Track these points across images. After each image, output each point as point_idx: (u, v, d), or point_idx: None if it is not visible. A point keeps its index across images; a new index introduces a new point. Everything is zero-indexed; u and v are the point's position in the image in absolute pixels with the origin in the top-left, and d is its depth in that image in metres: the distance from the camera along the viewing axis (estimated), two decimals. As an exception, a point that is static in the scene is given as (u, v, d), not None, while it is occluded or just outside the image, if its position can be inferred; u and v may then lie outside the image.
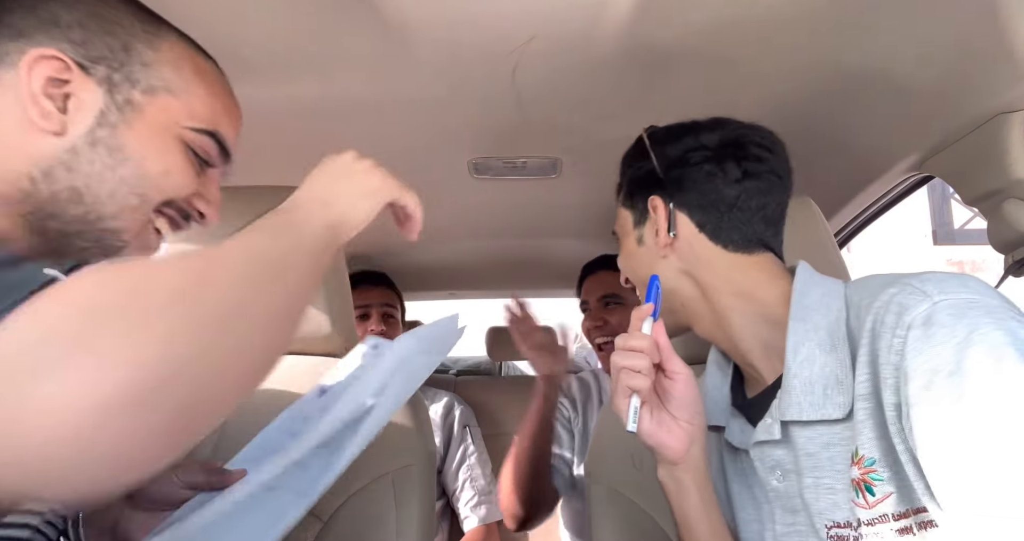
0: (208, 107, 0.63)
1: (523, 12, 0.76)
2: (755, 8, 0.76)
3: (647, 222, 0.77)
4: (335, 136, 1.13)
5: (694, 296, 0.74)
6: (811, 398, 0.62)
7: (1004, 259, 0.93)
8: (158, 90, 0.59)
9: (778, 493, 0.68)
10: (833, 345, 0.63)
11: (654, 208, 0.75)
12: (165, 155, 0.59)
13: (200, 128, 0.61)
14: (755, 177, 0.72)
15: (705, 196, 0.73)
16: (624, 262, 0.81)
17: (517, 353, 2.67)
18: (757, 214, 0.72)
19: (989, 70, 0.82)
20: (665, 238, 0.74)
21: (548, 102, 1.01)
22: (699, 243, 0.73)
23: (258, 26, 0.79)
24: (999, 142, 0.87)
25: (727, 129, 0.75)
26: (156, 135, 0.59)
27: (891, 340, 0.57)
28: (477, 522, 1.62)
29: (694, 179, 0.73)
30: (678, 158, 0.74)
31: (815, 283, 0.68)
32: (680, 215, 0.74)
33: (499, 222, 1.67)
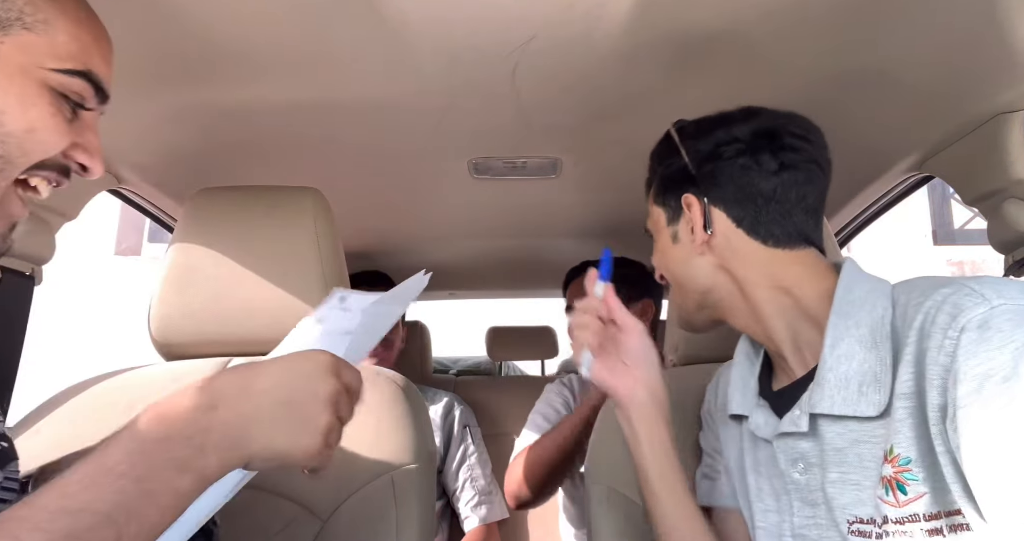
0: (75, 40, 0.53)
1: (523, 12, 0.76)
2: (754, 9, 0.76)
3: (681, 219, 0.76)
4: (335, 136, 1.13)
5: (731, 292, 0.73)
6: (845, 393, 0.62)
7: (1004, 259, 0.93)
8: (11, 25, 0.49)
9: (798, 485, 0.68)
10: (875, 342, 0.62)
11: (688, 205, 0.74)
12: (27, 108, 0.50)
13: (68, 69, 0.52)
14: (793, 168, 0.70)
15: (741, 190, 0.71)
16: (659, 260, 0.81)
17: (517, 353, 2.69)
18: (797, 206, 0.71)
19: (989, 70, 0.82)
20: (702, 235, 0.73)
21: (548, 102, 1.01)
22: (737, 239, 0.72)
23: (258, 26, 0.79)
24: (999, 142, 0.87)
25: (760, 119, 0.73)
26: (14, 83, 0.49)
27: (942, 340, 0.56)
28: (478, 522, 1.62)
29: (728, 173, 0.72)
30: (710, 152, 0.73)
31: (862, 279, 0.67)
32: (716, 211, 0.73)
33: (499, 222, 1.67)
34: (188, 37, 0.81)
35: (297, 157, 1.22)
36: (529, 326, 2.69)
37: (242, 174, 1.26)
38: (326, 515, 0.79)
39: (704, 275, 0.74)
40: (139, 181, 1.20)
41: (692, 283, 0.76)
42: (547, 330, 2.64)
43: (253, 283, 0.93)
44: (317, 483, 0.81)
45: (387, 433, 0.85)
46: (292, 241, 0.94)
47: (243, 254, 0.94)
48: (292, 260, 0.93)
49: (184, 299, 0.93)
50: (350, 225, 1.62)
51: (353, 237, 1.72)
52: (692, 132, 0.76)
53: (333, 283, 0.95)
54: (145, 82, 0.92)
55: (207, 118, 1.05)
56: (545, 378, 2.40)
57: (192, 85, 0.94)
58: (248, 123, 1.07)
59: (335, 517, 0.79)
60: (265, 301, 0.93)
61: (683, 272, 0.76)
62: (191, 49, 0.84)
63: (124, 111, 0.97)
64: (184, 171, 1.22)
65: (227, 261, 0.94)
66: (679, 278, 0.77)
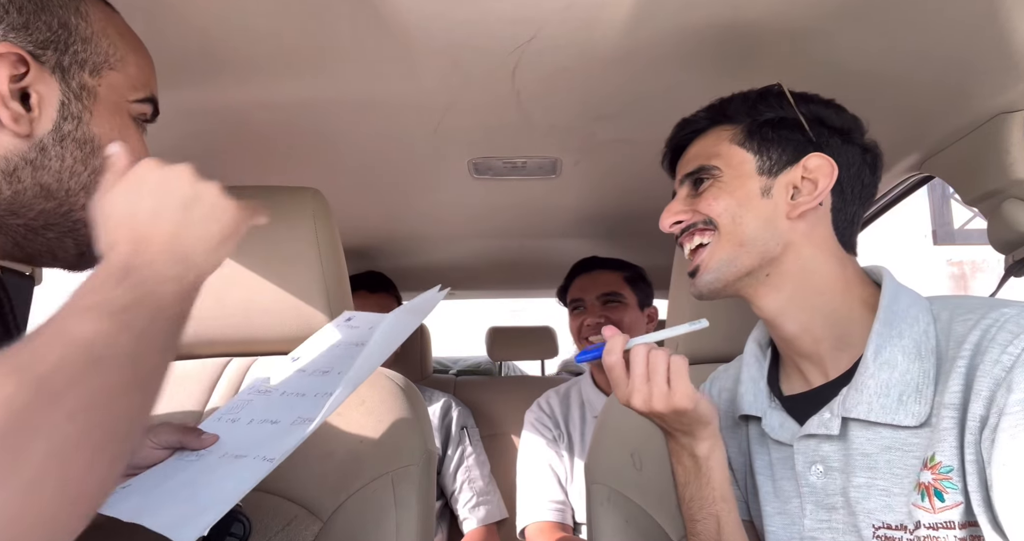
0: (141, 69, 0.59)
1: (523, 12, 0.76)
2: (753, 9, 0.76)
3: (783, 175, 0.70)
4: (335, 136, 1.13)
5: (788, 271, 0.69)
6: (884, 401, 0.62)
7: (1004, 259, 0.93)
8: (102, 67, 0.55)
9: (813, 489, 0.67)
10: (919, 354, 0.62)
11: (815, 167, 0.69)
12: (127, 138, 0.56)
13: (142, 98, 0.58)
14: (873, 187, 0.73)
15: (854, 179, 0.71)
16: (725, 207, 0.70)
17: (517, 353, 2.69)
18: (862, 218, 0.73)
19: (989, 70, 0.82)
20: (810, 201, 0.68)
21: (548, 102, 1.01)
22: (823, 224, 0.70)
23: (258, 26, 0.79)
24: (999, 142, 0.87)
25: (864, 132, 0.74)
26: (114, 117, 0.56)
27: (999, 355, 0.57)
28: (476, 523, 1.62)
29: (852, 159, 0.71)
30: (840, 128, 0.71)
31: (903, 291, 0.68)
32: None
33: (499, 222, 1.67)
34: (188, 37, 0.81)
35: (297, 157, 1.22)
36: (529, 326, 2.70)
37: (241, 174, 1.26)
38: (326, 515, 0.79)
39: (779, 242, 0.69)
40: None
41: (761, 244, 0.69)
42: (547, 330, 2.64)
43: (253, 283, 0.93)
44: (317, 483, 0.81)
45: (387, 433, 0.85)
46: (292, 241, 0.94)
47: (243, 254, 0.94)
48: (292, 260, 0.93)
49: (184, 299, 0.93)
50: (350, 225, 1.62)
51: (353, 237, 1.72)
52: (813, 100, 0.73)
53: (333, 283, 0.95)
54: (145, 82, 0.92)
55: (206, 118, 1.05)
56: (545, 378, 2.40)
57: (192, 85, 0.94)
58: (248, 123, 1.07)
59: (335, 517, 0.79)
60: (265, 301, 0.93)
61: (758, 230, 0.69)
62: (191, 49, 0.84)
63: (124, 111, 0.97)
64: (184, 171, 1.21)
65: (227, 261, 0.93)
66: (748, 234, 0.69)
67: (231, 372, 0.94)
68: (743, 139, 0.72)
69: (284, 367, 0.77)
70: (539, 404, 1.65)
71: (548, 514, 1.47)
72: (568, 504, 1.50)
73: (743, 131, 0.72)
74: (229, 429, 0.68)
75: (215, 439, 0.66)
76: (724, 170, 0.72)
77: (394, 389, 0.91)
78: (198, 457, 0.65)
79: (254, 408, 0.71)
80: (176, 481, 0.62)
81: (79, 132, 0.53)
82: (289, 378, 0.73)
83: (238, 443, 0.65)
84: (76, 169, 0.53)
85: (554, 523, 1.47)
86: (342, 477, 0.81)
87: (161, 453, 0.66)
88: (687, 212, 0.73)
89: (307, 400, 0.67)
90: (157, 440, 0.66)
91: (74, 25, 0.53)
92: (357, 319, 0.79)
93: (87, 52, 0.53)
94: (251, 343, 0.94)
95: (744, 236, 0.69)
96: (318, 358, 0.75)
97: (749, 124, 0.72)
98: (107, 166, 0.54)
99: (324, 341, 0.78)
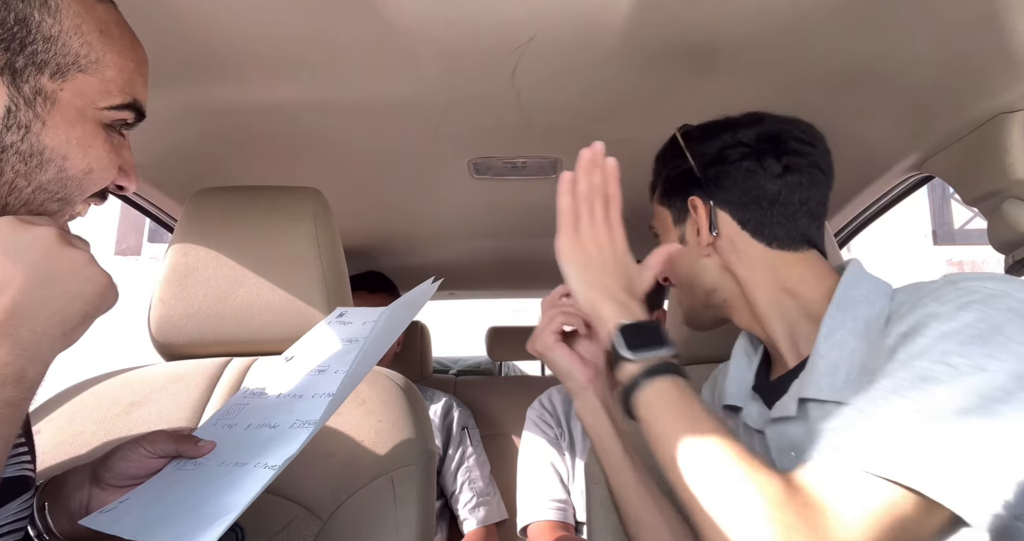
0: (122, 71, 0.52)
1: (523, 12, 0.76)
2: (753, 10, 0.76)
3: (687, 221, 0.77)
4: (335, 136, 1.13)
5: (735, 293, 0.75)
6: (832, 380, 0.63)
7: (1004, 259, 0.93)
8: (69, 70, 0.48)
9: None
10: (867, 334, 0.63)
11: (694, 207, 0.75)
12: (87, 150, 0.50)
13: (119, 104, 0.52)
14: (797, 172, 0.72)
15: (746, 193, 0.73)
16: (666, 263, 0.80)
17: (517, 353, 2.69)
18: (801, 209, 0.73)
19: (989, 70, 0.82)
20: (707, 237, 0.74)
21: (548, 102, 1.01)
22: (742, 241, 0.73)
23: (258, 27, 0.79)
24: (999, 142, 0.87)
25: (764, 124, 0.75)
26: (75, 129, 0.49)
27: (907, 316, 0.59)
28: (476, 524, 1.61)
29: (733, 176, 0.73)
30: (715, 156, 0.74)
31: (865, 278, 0.69)
32: (721, 213, 0.74)
33: (499, 222, 1.67)
34: (188, 37, 0.81)
35: (297, 157, 1.22)
36: (529, 326, 2.69)
37: (242, 174, 1.26)
38: (326, 515, 0.79)
39: (710, 276, 0.76)
40: (139, 181, 1.20)
41: (698, 283, 0.77)
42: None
43: (253, 283, 0.93)
44: (317, 483, 0.81)
45: (387, 433, 0.85)
46: (292, 241, 0.94)
47: (243, 254, 0.94)
48: (292, 260, 0.93)
49: (184, 299, 0.93)
50: (350, 225, 1.62)
51: (353, 237, 1.72)
52: (697, 136, 0.77)
53: (333, 283, 0.95)
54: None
55: (207, 118, 1.05)
56: (545, 378, 2.40)
57: (192, 85, 0.94)
58: (248, 123, 1.07)
59: (335, 517, 0.79)
60: (265, 301, 0.93)
61: (690, 272, 0.77)
62: (191, 49, 0.84)
63: (124, 111, 0.97)
64: (184, 171, 1.22)
65: (227, 261, 0.94)
66: (686, 278, 0.78)
67: (231, 372, 0.94)
68: (660, 196, 0.81)
69: (279, 368, 0.76)
70: (541, 401, 1.65)
71: (549, 513, 1.47)
72: (570, 503, 1.50)
73: (661, 189, 0.81)
74: (227, 435, 0.66)
75: (212, 446, 0.64)
76: (657, 228, 0.83)
77: (394, 389, 0.91)
78: (196, 466, 0.63)
79: (251, 412, 0.70)
80: (176, 494, 0.60)
81: (25, 144, 0.47)
82: (285, 379, 0.72)
83: (237, 449, 0.63)
84: (17, 184, 0.47)
85: (555, 522, 1.47)
86: (342, 477, 0.81)
87: (157, 462, 0.63)
88: None
89: (305, 401, 0.66)
90: (152, 449, 0.63)
91: (36, 22, 0.46)
92: (350, 315, 0.79)
93: (49, 52, 0.47)
94: (251, 343, 0.94)
95: (684, 280, 0.79)
96: (313, 357, 0.74)
97: (663, 182, 0.80)
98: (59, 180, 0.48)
99: (318, 339, 0.78)
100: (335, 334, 0.76)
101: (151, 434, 0.65)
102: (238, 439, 0.65)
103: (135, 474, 0.63)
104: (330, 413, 0.62)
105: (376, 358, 0.68)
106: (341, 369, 0.66)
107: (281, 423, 0.64)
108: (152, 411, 0.88)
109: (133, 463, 0.63)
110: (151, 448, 0.63)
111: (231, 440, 0.65)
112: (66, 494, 0.63)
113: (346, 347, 0.72)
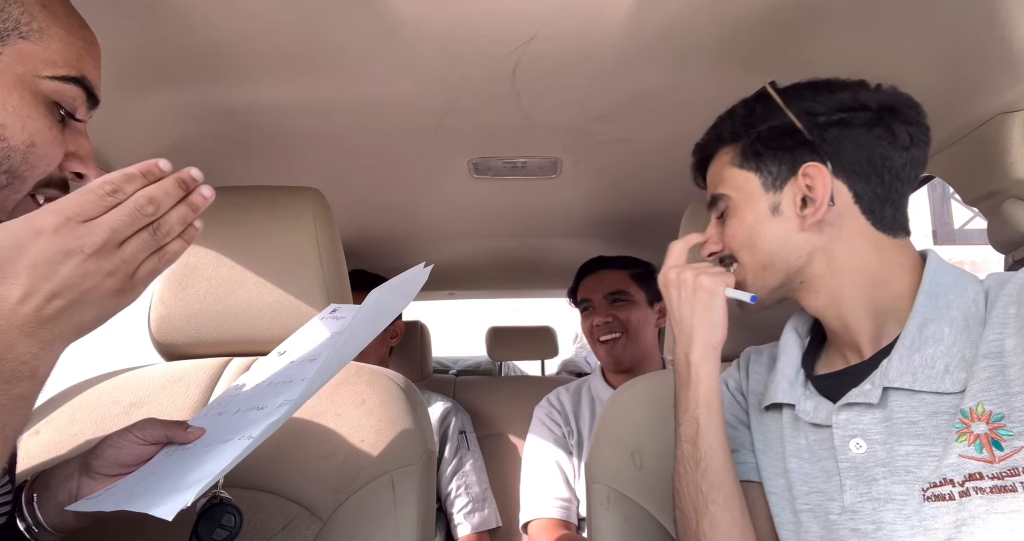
0: (68, 46, 0.51)
1: (523, 12, 0.76)
2: (752, 9, 0.76)
3: (786, 187, 0.69)
4: (335, 136, 1.13)
5: (821, 275, 0.69)
6: (929, 372, 0.61)
7: (1004, 259, 0.93)
8: (8, 35, 0.48)
9: (853, 463, 0.66)
10: (967, 326, 0.61)
11: (808, 175, 0.67)
12: (26, 121, 0.49)
13: (63, 75, 0.51)
14: (919, 146, 0.66)
15: (871, 162, 0.65)
16: (738, 231, 0.72)
17: (517, 353, 2.69)
18: (912, 188, 0.67)
19: (989, 70, 0.82)
20: (821, 209, 0.66)
21: (548, 102, 1.01)
22: (851, 217, 0.67)
23: (258, 26, 0.79)
24: (999, 142, 0.87)
25: (880, 91, 0.68)
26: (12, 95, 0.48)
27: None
28: (470, 530, 1.60)
29: (858, 142, 0.66)
30: (835, 117, 0.66)
31: (949, 266, 0.66)
32: (837, 183, 0.66)
33: (499, 222, 1.67)
34: (188, 37, 0.81)
35: (297, 157, 1.22)
36: (529, 326, 2.69)
37: (242, 174, 1.26)
38: (326, 515, 0.79)
39: (801, 254, 0.68)
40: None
41: (783, 260, 0.69)
42: (547, 330, 2.64)
43: (253, 283, 0.93)
44: (317, 483, 0.81)
45: (387, 433, 0.85)
46: (292, 241, 0.94)
47: (243, 254, 0.94)
48: (292, 260, 0.93)
49: (184, 299, 0.93)
50: (350, 225, 1.62)
51: (353, 237, 1.72)
52: (800, 92, 0.69)
53: (333, 283, 0.95)
54: (146, 82, 0.92)
55: (207, 118, 1.05)
56: (545, 378, 2.40)
57: (192, 85, 0.94)
58: (248, 123, 1.07)
59: (335, 517, 0.79)
60: (265, 301, 0.93)
61: (775, 248, 0.69)
62: (191, 49, 0.84)
63: (124, 111, 0.97)
64: (184, 171, 1.21)
65: (227, 261, 0.94)
66: (766, 254, 0.70)
67: (231, 372, 0.94)
68: (741, 160, 0.72)
69: (271, 361, 0.77)
70: (549, 399, 1.66)
71: (552, 511, 1.47)
72: (574, 501, 1.50)
73: (740, 151, 0.72)
74: (216, 422, 0.67)
75: (202, 432, 0.65)
76: (732, 195, 0.72)
77: (394, 389, 0.91)
78: (184, 450, 0.64)
79: (241, 400, 0.70)
80: (160, 473, 0.61)
81: None
82: (277, 371, 0.73)
83: (224, 431, 0.64)
84: None
85: (557, 520, 1.47)
86: (342, 477, 0.81)
87: (147, 449, 0.64)
88: (718, 243, 0.76)
89: (293, 385, 0.66)
90: (143, 435, 0.64)
91: None
92: (343, 311, 0.79)
93: None
94: (251, 343, 0.94)
95: (764, 259, 0.71)
96: (304, 348, 0.75)
97: (744, 142, 0.72)
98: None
99: (310, 333, 0.78)
100: (326, 328, 0.77)
101: (141, 422, 0.65)
102: (226, 423, 0.66)
103: (125, 461, 0.64)
104: (314, 388, 0.62)
105: (363, 341, 0.67)
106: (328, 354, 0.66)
107: (268, 405, 0.64)
108: (152, 411, 0.88)
109: (123, 450, 0.63)
110: (141, 435, 0.64)
111: (220, 425, 0.66)
112: (55, 485, 0.64)
113: (336, 338, 0.72)
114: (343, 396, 0.89)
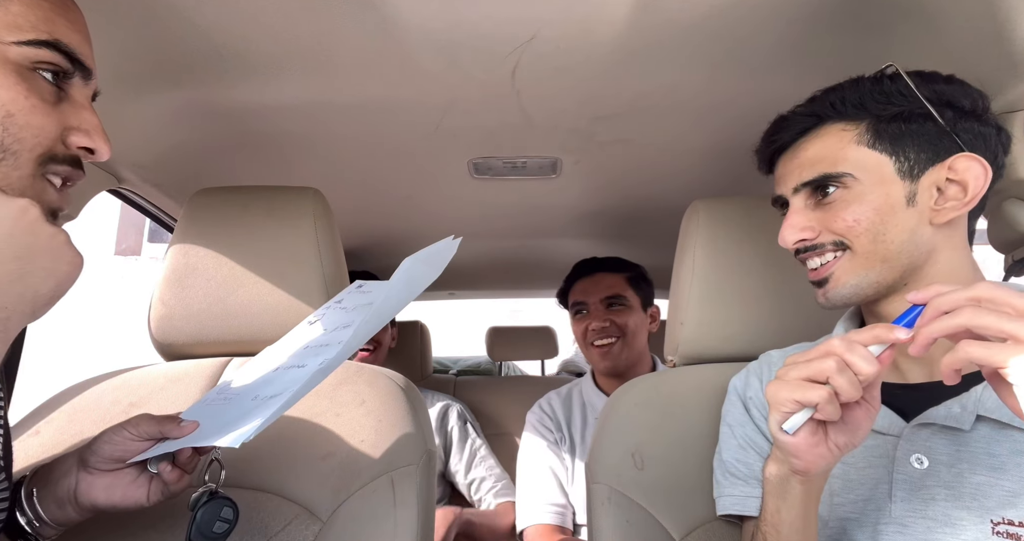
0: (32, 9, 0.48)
1: (523, 12, 0.76)
2: (754, 10, 0.76)
3: (923, 177, 0.62)
4: (335, 136, 1.13)
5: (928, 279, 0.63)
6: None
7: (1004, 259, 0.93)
8: None
9: (910, 477, 0.63)
10: None
11: (955, 168, 0.61)
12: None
13: (30, 40, 0.48)
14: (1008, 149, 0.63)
15: (994, 161, 0.62)
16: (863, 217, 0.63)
17: (517, 353, 2.69)
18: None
19: (989, 70, 0.82)
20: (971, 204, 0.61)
21: (548, 102, 1.01)
22: (962, 221, 0.63)
23: (258, 27, 0.79)
24: (999, 142, 0.87)
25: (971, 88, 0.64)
26: None
27: None
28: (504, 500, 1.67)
29: (987, 139, 0.62)
30: (974, 110, 0.62)
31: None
32: None
33: (499, 222, 1.67)
34: (188, 37, 0.81)
35: (297, 157, 1.22)
36: (529, 326, 2.70)
37: (242, 174, 1.26)
38: (326, 515, 0.79)
39: (925, 250, 0.62)
40: (139, 181, 1.20)
41: (907, 256, 0.63)
42: (547, 330, 2.64)
43: (253, 283, 0.93)
44: (317, 483, 0.81)
45: (387, 433, 0.85)
46: (292, 241, 0.94)
47: (243, 254, 0.94)
48: (292, 260, 0.93)
49: (184, 299, 0.93)
50: (350, 225, 1.62)
51: (353, 237, 1.72)
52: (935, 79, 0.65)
53: (333, 283, 0.95)
54: (145, 82, 0.92)
55: (207, 118, 1.05)
56: (545, 378, 2.41)
57: (192, 85, 0.94)
58: (248, 123, 1.07)
59: (335, 517, 0.79)
60: (265, 301, 0.93)
61: (903, 243, 0.62)
62: (191, 49, 0.84)
63: (124, 111, 0.97)
64: (184, 171, 1.22)
65: (227, 261, 0.94)
66: (892, 250, 0.63)
67: (231, 372, 0.94)
68: (872, 139, 0.64)
69: (302, 330, 0.78)
70: (540, 405, 1.64)
71: (547, 517, 1.47)
72: (569, 507, 1.50)
73: (869, 129, 0.64)
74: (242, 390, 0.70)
75: (195, 426, 0.65)
76: (860, 177, 0.64)
77: (394, 389, 0.91)
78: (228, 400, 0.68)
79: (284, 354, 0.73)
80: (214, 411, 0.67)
81: None
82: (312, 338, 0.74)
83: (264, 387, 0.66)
84: None
85: (553, 526, 1.47)
86: (342, 477, 0.81)
87: (141, 444, 0.65)
88: (813, 228, 0.67)
89: (331, 348, 0.66)
90: (137, 432, 0.64)
91: None
92: (368, 285, 0.79)
93: None
94: (251, 343, 0.94)
95: (887, 252, 0.63)
96: (335, 318, 0.75)
97: (874, 120, 0.64)
98: None
99: (339, 305, 0.78)
100: (356, 300, 0.76)
101: (135, 418, 0.66)
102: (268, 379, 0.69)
103: (120, 457, 0.64)
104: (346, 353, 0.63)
105: (394, 309, 0.68)
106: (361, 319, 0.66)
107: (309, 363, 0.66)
108: (152, 411, 0.87)
109: (118, 446, 0.64)
110: (135, 431, 0.64)
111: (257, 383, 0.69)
112: (54, 480, 0.64)
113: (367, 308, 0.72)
114: (343, 396, 0.89)
